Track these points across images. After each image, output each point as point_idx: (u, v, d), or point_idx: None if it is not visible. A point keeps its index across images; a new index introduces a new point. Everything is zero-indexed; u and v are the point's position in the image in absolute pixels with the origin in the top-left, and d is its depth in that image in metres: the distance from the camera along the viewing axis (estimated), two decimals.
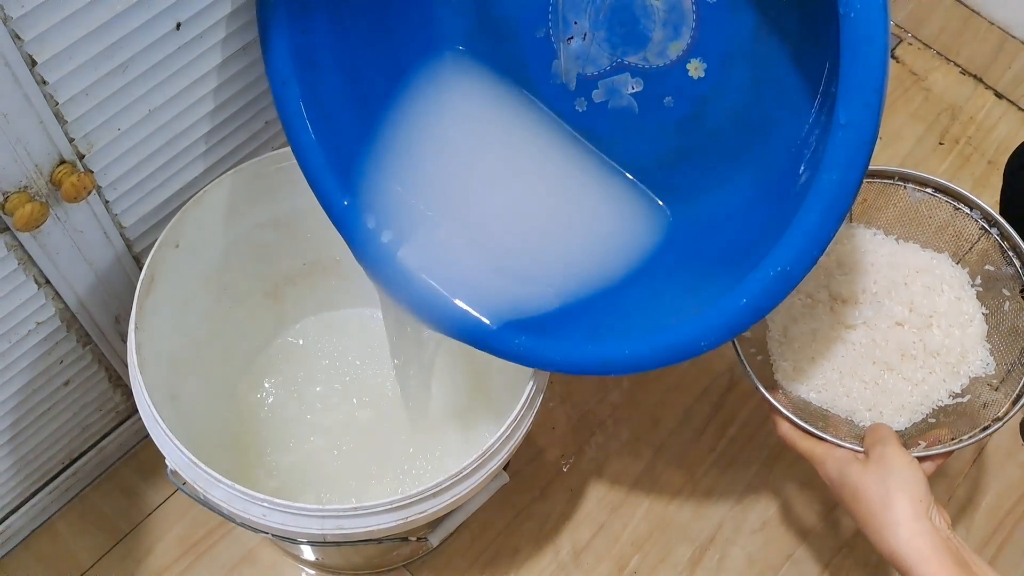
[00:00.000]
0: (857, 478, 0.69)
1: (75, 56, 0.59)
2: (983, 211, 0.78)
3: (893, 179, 0.81)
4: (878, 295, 0.79)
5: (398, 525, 0.69)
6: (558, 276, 0.72)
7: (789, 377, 0.78)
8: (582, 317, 0.70)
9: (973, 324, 0.77)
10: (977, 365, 0.77)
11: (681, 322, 0.63)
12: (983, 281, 0.79)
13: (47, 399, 0.82)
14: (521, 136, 0.76)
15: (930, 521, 0.66)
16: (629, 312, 0.70)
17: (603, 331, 0.68)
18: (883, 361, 0.77)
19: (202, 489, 0.69)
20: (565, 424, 1.03)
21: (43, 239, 0.68)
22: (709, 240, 0.71)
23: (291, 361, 0.97)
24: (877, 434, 0.71)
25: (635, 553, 0.97)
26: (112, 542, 0.95)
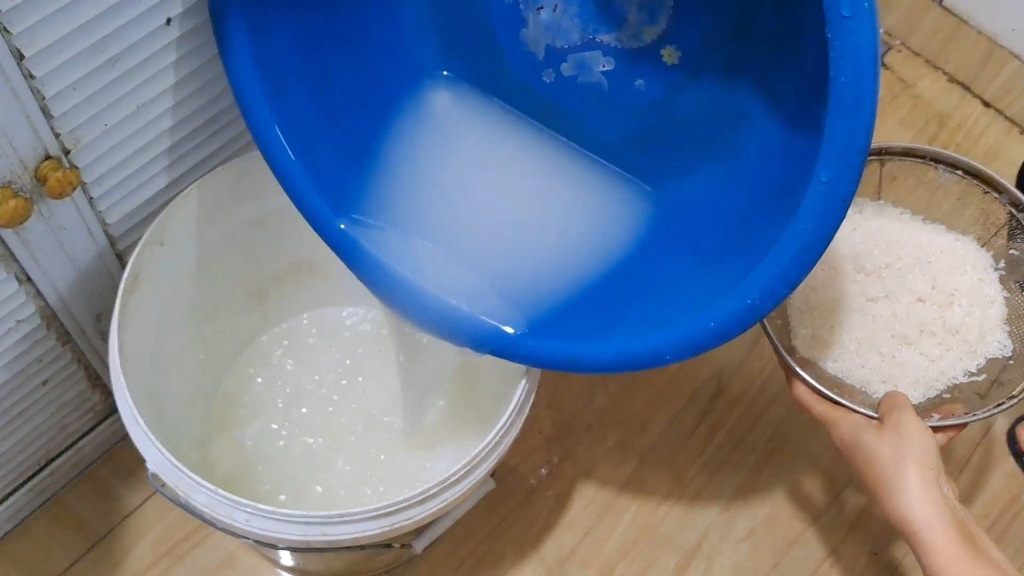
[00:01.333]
0: (871, 443, 0.71)
1: (64, 50, 0.58)
2: (1012, 196, 0.78)
3: (925, 159, 0.81)
4: (902, 271, 0.79)
5: (383, 532, 0.68)
6: (557, 276, 0.71)
7: (807, 344, 0.79)
8: (584, 314, 0.69)
9: (994, 306, 0.78)
10: (995, 346, 0.77)
11: (646, 332, 0.63)
12: (1007, 265, 0.80)
13: (24, 399, 0.80)
14: (507, 149, 0.76)
15: (939, 489, 0.68)
16: (620, 309, 0.69)
17: (597, 329, 0.68)
18: (902, 335, 0.78)
19: (184, 493, 0.67)
20: (551, 429, 1.03)
21: (26, 236, 0.66)
22: (689, 229, 0.71)
23: (275, 361, 0.96)
24: (892, 401, 0.72)
25: (620, 560, 0.97)
26: (88, 545, 0.93)
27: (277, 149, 0.71)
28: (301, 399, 0.94)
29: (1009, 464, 1.05)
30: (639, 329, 0.65)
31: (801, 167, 0.54)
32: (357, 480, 0.91)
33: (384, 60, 0.75)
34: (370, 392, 0.95)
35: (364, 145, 0.74)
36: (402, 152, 0.75)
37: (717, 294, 0.60)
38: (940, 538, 0.66)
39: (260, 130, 0.70)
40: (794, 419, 1.05)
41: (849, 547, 0.99)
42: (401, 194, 0.73)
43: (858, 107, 0.49)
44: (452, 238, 0.72)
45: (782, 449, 1.03)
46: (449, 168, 0.75)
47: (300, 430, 0.92)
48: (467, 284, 0.70)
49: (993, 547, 0.67)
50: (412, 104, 0.76)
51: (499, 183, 0.75)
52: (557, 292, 0.70)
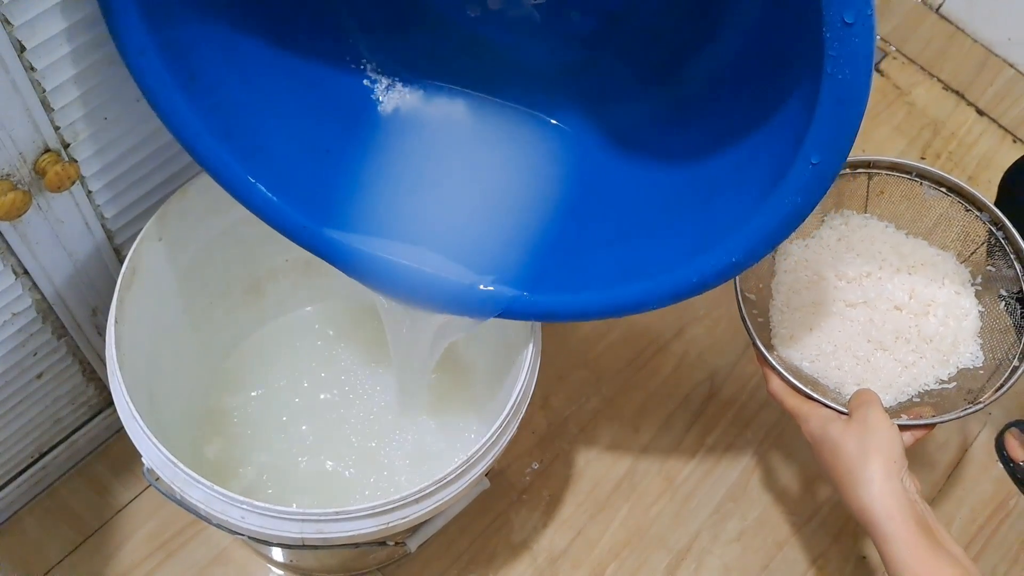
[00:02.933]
0: (837, 435, 0.73)
1: (65, 43, 0.58)
2: (992, 214, 0.80)
3: (911, 174, 0.83)
4: (882, 280, 0.82)
5: (379, 530, 0.68)
6: (523, 235, 0.72)
7: (785, 343, 0.81)
8: (562, 265, 0.71)
9: (968, 319, 0.81)
10: (967, 357, 0.80)
11: (630, 281, 0.66)
12: (983, 280, 0.82)
13: (19, 391, 0.80)
14: (443, 127, 0.76)
15: (900, 483, 0.70)
16: (593, 256, 0.71)
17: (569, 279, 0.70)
18: (877, 340, 0.81)
19: (179, 489, 0.67)
20: (545, 429, 1.03)
21: (23, 229, 0.66)
22: (639, 172, 0.72)
23: (271, 356, 0.96)
24: (862, 397, 0.75)
25: (612, 560, 0.97)
26: (81, 538, 0.93)
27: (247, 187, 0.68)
28: (296, 394, 0.94)
29: (997, 470, 1.05)
30: (624, 277, 0.67)
31: (763, 107, 0.58)
32: (352, 476, 0.91)
33: (310, 45, 0.72)
34: (366, 387, 0.95)
35: (312, 142, 0.73)
36: (348, 147, 0.74)
37: (698, 249, 0.62)
38: (900, 529, 0.68)
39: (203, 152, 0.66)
40: (786, 423, 1.05)
41: (838, 550, 0.99)
42: (355, 192, 0.72)
43: (852, 102, 0.51)
44: (413, 226, 0.72)
45: (773, 452, 1.04)
46: (394, 160, 0.74)
47: (296, 425, 0.92)
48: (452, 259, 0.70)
49: (951, 541, 0.69)
50: (347, 96, 0.74)
51: (444, 164, 0.75)
52: (528, 249, 0.71)
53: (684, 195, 0.68)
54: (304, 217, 0.70)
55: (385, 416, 0.94)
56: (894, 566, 0.68)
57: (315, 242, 0.71)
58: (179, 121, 0.64)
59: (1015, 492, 1.03)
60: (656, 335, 1.09)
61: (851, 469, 0.71)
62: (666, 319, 1.10)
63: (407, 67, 0.75)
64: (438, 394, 0.95)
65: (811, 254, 0.85)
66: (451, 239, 0.71)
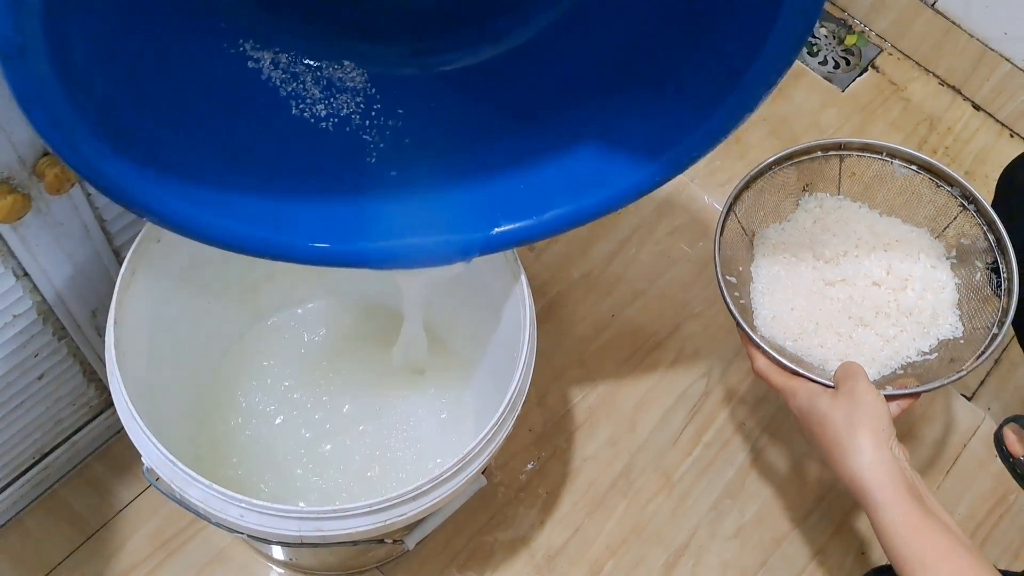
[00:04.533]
0: (825, 408, 0.73)
1: None
2: (963, 188, 0.83)
3: (882, 154, 0.85)
4: (859, 258, 0.84)
5: (376, 528, 0.69)
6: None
7: (768, 324, 0.82)
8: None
9: (945, 291, 0.83)
10: (946, 328, 0.82)
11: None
12: (958, 254, 0.84)
13: (20, 393, 0.81)
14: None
15: (890, 451, 0.70)
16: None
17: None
18: (858, 316, 0.82)
19: (179, 488, 0.68)
20: (542, 427, 1.03)
21: (23, 231, 0.67)
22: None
23: (269, 354, 0.96)
24: (848, 370, 0.76)
25: (609, 558, 0.97)
26: (82, 538, 0.93)
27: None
28: (295, 392, 0.94)
29: (996, 465, 1.06)
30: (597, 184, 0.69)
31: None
32: (351, 474, 0.91)
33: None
34: (365, 384, 0.96)
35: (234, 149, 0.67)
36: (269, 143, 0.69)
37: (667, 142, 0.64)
38: (891, 497, 0.68)
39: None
40: (783, 419, 1.06)
41: (836, 546, 1.00)
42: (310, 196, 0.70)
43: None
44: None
45: (770, 449, 1.04)
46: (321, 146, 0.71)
47: (295, 423, 0.93)
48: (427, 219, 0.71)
49: (942, 509, 0.70)
50: (241, 85, 0.68)
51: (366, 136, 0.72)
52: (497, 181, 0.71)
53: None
54: (284, 234, 0.68)
55: (384, 412, 0.94)
56: (886, 534, 0.68)
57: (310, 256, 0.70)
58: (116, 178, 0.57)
59: (1014, 487, 1.04)
60: (652, 332, 1.09)
61: (839, 440, 0.72)
62: (662, 316, 1.10)
63: (282, 29, 0.68)
64: (436, 392, 0.96)
65: (788, 237, 0.86)
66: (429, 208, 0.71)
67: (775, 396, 1.06)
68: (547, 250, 1.13)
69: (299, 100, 0.69)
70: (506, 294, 0.79)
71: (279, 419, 0.93)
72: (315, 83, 0.69)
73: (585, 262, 1.13)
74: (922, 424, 1.07)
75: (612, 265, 1.13)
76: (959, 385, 1.10)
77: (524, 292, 0.77)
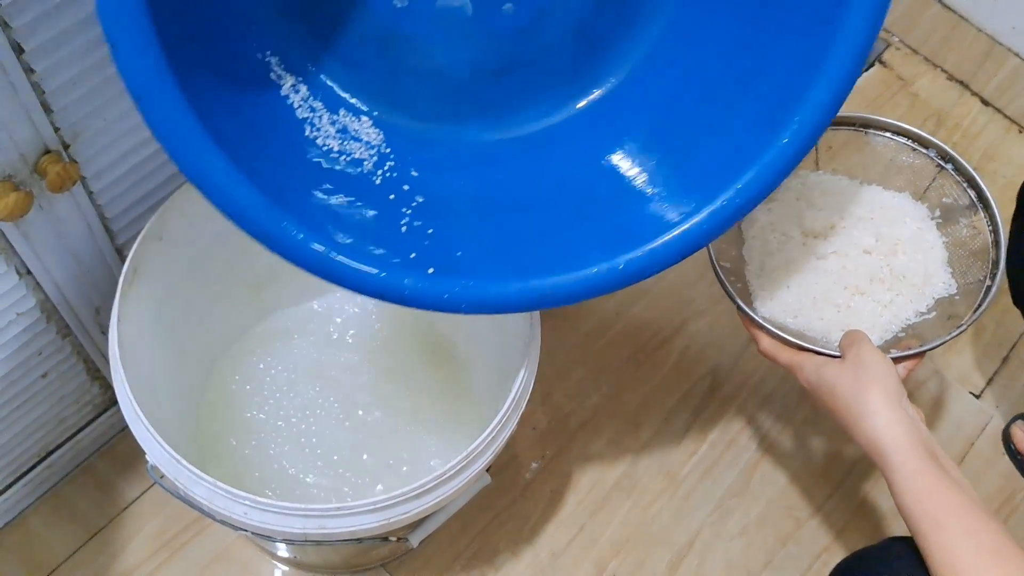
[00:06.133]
0: (833, 376, 0.74)
1: (63, 45, 0.59)
2: (939, 149, 0.85)
3: (855, 126, 0.87)
4: (847, 228, 0.85)
5: (380, 526, 0.69)
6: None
7: (767, 305, 0.83)
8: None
9: (935, 250, 0.84)
10: (940, 287, 0.83)
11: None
12: (942, 213, 0.86)
13: (24, 391, 0.81)
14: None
15: (904, 411, 0.71)
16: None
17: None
18: (854, 286, 0.83)
19: (183, 486, 0.68)
20: (546, 426, 1.03)
21: (26, 229, 0.67)
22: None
23: (272, 351, 0.96)
24: (851, 337, 0.77)
25: (613, 557, 0.97)
26: (86, 537, 0.94)
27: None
28: (299, 389, 0.94)
29: (1003, 464, 1.05)
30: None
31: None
32: (355, 472, 0.91)
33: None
34: (369, 381, 0.96)
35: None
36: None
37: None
38: (908, 457, 0.68)
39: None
40: (788, 418, 1.06)
41: (842, 546, 0.99)
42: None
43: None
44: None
45: (775, 448, 1.04)
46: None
47: (298, 420, 0.93)
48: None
49: (955, 468, 0.70)
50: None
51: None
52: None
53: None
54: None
55: (387, 410, 0.94)
56: (902, 494, 0.68)
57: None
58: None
59: (1022, 485, 1.03)
60: (656, 330, 1.09)
61: (851, 405, 0.72)
62: (666, 314, 1.10)
63: (311, 61, 0.67)
64: (439, 390, 0.96)
65: (775, 217, 0.87)
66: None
67: (780, 395, 1.06)
68: None
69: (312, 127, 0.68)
70: None
71: (281, 416, 0.93)
72: (330, 124, 0.69)
73: None
74: (929, 422, 1.07)
75: None
76: (967, 383, 1.10)
77: None
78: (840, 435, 1.05)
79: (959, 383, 1.10)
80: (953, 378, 1.10)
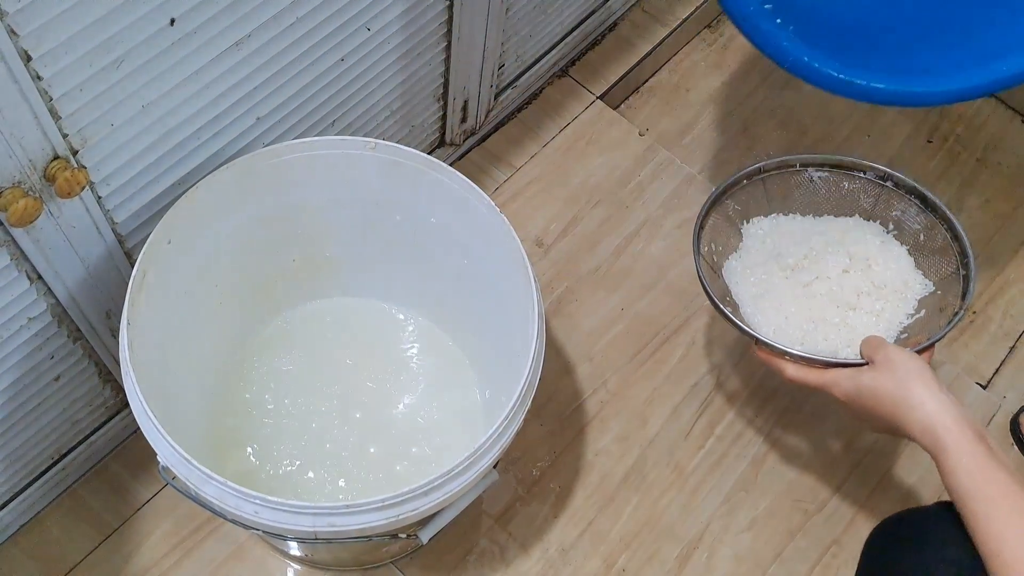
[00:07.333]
0: (870, 381, 0.77)
1: (70, 51, 0.59)
2: (876, 171, 0.93)
3: (796, 166, 0.95)
4: (819, 255, 0.92)
5: (389, 523, 0.69)
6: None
7: (771, 338, 0.88)
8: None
9: (901, 259, 0.91)
10: (919, 287, 0.90)
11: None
12: (895, 226, 0.94)
13: (37, 394, 0.82)
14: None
15: (948, 396, 0.73)
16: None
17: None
18: (845, 302, 0.89)
19: (194, 486, 0.69)
20: (553, 421, 1.04)
21: (36, 235, 0.68)
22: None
23: (281, 352, 0.97)
24: (872, 343, 0.81)
25: (623, 551, 0.98)
26: (101, 537, 0.95)
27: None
28: (307, 389, 0.95)
29: (1012, 453, 1.06)
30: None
31: None
32: (363, 469, 0.92)
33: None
34: (376, 381, 0.96)
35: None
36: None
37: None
38: (958, 439, 0.71)
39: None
40: (795, 411, 1.06)
41: (851, 537, 0.99)
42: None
43: None
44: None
45: (783, 441, 1.04)
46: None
47: (307, 420, 0.94)
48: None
49: (999, 449, 0.71)
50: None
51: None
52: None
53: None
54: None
55: (395, 408, 0.95)
56: (953, 474, 0.70)
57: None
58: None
59: None
60: (661, 326, 1.10)
61: (898, 402, 0.74)
62: (671, 310, 1.11)
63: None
64: (444, 387, 0.96)
65: (749, 262, 0.93)
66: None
67: (786, 389, 1.06)
68: (554, 246, 1.13)
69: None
70: (514, 290, 0.80)
71: (291, 416, 0.94)
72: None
73: (593, 257, 1.13)
74: None
75: (620, 260, 1.13)
76: (974, 374, 1.10)
77: (532, 288, 0.77)
78: (848, 428, 1.05)
79: (966, 374, 1.10)
80: (960, 369, 1.10)
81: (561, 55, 1.22)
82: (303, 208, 0.88)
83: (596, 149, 1.20)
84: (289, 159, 0.82)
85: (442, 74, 1.00)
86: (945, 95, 0.87)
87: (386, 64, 0.90)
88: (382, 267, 0.96)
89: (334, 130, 0.90)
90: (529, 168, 1.18)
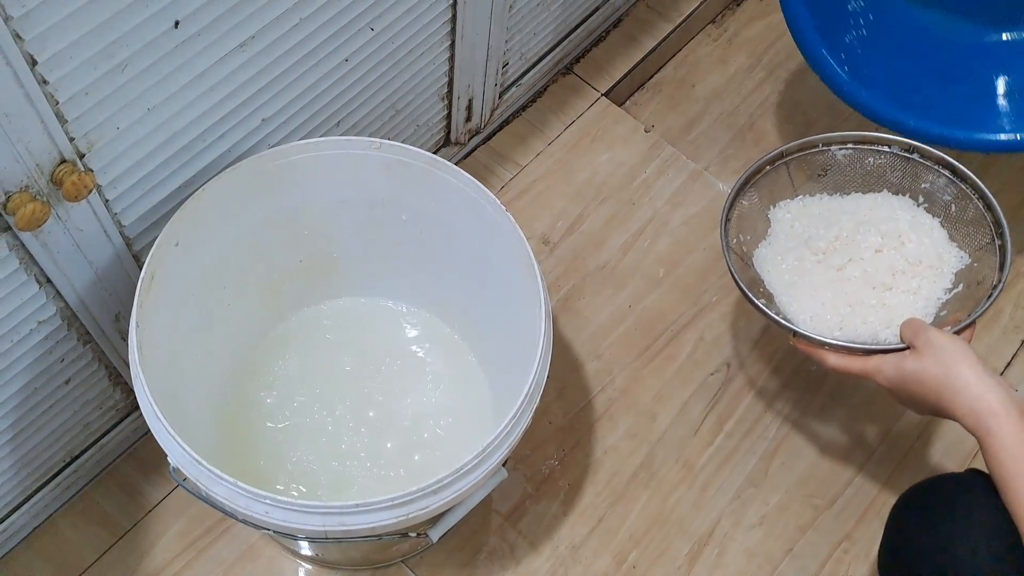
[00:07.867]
0: (915, 366, 0.77)
1: (75, 55, 0.59)
2: (900, 144, 0.91)
3: (818, 146, 0.93)
4: (850, 236, 0.90)
5: (399, 521, 0.69)
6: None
7: (809, 327, 0.86)
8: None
9: (935, 231, 0.90)
10: (955, 261, 0.88)
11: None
12: (925, 199, 0.92)
13: (48, 397, 0.82)
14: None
15: (994, 378, 0.73)
16: None
17: None
18: (880, 283, 0.87)
19: (204, 486, 0.69)
20: (562, 419, 1.04)
21: (44, 238, 0.68)
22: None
23: (289, 353, 0.97)
24: (912, 327, 0.80)
25: (633, 548, 0.98)
26: (113, 539, 0.95)
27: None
28: (316, 390, 0.95)
29: None
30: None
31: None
32: (373, 468, 0.92)
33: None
34: (384, 380, 0.97)
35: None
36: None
37: None
38: (1004, 421, 0.71)
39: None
40: (805, 405, 1.06)
41: (863, 532, 0.99)
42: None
43: None
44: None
45: (793, 436, 1.04)
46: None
47: (316, 420, 0.94)
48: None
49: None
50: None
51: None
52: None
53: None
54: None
55: (404, 407, 0.95)
56: (997, 453, 0.70)
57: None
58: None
59: None
60: (670, 322, 1.10)
61: (943, 385, 0.74)
62: (679, 306, 1.10)
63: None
64: (453, 386, 0.96)
65: (779, 248, 0.91)
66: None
67: (796, 384, 1.06)
68: (561, 243, 1.13)
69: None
70: (521, 288, 0.80)
71: (300, 416, 0.94)
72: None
73: (600, 254, 1.13)
74: None
75: (628, 256, 1.13)
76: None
77: (539, 285, 0.77)
78: (858, 422, 1.05)
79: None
80: None
81: (565, 52, 1.22)
82: (309, 209, 0.88)
83: (602, 146, 1.20)
84: (295, 160, 0.82)
85: (446, 73, 1.00)
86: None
87: (390, 64, 0.90)
88: (389, 267, 0.96)
89: (339, 130, 0.90)
90: (534, 166, 1.18)
